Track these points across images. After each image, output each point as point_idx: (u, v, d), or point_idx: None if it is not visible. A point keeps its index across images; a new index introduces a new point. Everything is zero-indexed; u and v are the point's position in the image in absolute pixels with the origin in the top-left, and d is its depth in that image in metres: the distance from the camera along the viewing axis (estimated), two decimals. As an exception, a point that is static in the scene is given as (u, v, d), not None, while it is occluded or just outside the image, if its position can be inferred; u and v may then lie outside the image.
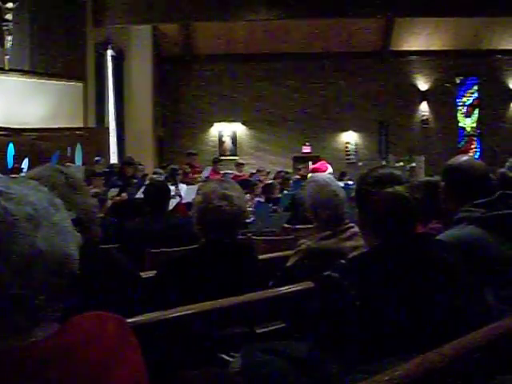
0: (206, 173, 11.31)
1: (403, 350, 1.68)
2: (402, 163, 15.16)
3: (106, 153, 13.26)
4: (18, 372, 0.99)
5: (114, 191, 8.59)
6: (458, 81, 19.67)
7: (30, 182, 1.15)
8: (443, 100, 19.29)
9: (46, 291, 1.06)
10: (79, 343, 1.07)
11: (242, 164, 13.16)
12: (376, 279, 1.90)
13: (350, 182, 11.41)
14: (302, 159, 17.79)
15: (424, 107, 19.36)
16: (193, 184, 10.03)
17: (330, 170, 10.68)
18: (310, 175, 8.96)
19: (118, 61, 16.09)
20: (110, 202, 8.19)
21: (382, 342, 1.80)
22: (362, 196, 2.11)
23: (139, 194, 8.43)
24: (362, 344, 1.83)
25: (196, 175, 11.19)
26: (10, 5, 12.03)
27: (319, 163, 11.49)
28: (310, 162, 14.80)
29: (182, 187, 10.08)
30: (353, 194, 2.31)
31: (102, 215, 5.88)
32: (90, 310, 1.19)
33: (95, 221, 2.21)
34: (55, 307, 1.10)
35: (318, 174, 4.38)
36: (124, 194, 9.01)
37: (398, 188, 1.98)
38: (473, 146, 19.83)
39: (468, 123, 19.87)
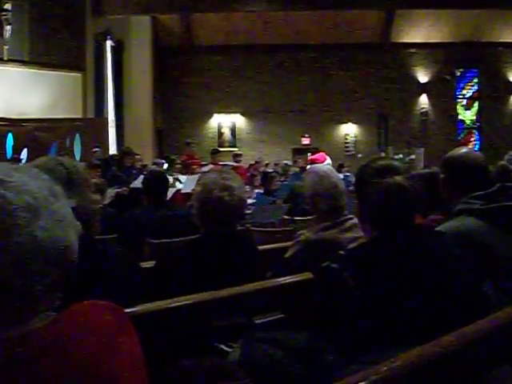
0: (205, 169, 11.25)
1: (402, 341, 1.68)
2: (401, 155, 15.16)
3: (104, 143, 13.23)
4: (16, 360, 0.99)
5: (110, 191, 8.52)
6: (458, 73, 19.67)
7: (31, 169, 1.14)
8: (443, 92, 19.29)
9: (44, 281, 1.05)
10: (77, 332, 1.07)
11: (240, 155, 13.11)
12: (375, 270, 1.90)
13: (349, 174, 11.40)
14: (301, 151, 17.81)
15: (424, 99, 19.35)
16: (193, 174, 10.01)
17: (329, 161, 10.65)
18: (308, 166, 8.96)
19: (118, 51, 16.06)
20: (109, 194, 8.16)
21: (381, 333, 1.80)
22: (362, 187, 2.10)
23: (137, 184, 8.41)
24: (361, 334, 1.84)
25: (196, 166, 11.14)
26: (8, -6, 11.99)
27: (318, 154, 11.46)
28: (309, 154, 14.80)
29: (182, 178, 10.06)
30: (352, 185, 2.31)
31: (101, 206, 5.87)
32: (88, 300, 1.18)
33: (95, 216, 2.20)
34: (54, 296, 1.10)
35: (318, 165, 4.38)
36: (125, 189, 8.97)
37: (397, 178, 1.98)
38: (472, 139, 19.83)
39: (468, 116, 19.87)
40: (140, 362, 1.16)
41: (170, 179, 8.84)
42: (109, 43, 15.71)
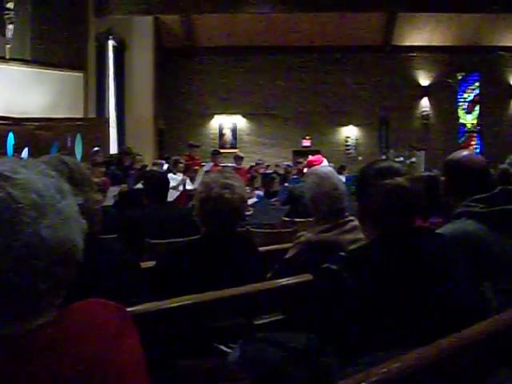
0: (206, 167, 11.27)
1: (402, 343, 1.68)
2: (402, 158, 15.14)
3: (105, 143, 13.23)
4: (17, 357, 0.99)
5: (113, 190, 8.51)
6: (459, 77, 19.65)
7: (39, 165, 1.13)
8: (444, 96, 19.27)
9: (48, 280, 1.05)
10: (78, 330, 1.07)
11: (242, 158, 13.06)
12: (375, 271, 1.90)
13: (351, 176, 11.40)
14: (301, 153, 17.79)
15: (425, 103, 19.33)
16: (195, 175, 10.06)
17: (326, 163, 10.68)
18: (305, 169, 8.98)
19: (119, 51, 16.06)
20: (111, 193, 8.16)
21: (380, 334, 1.80)
22: (363, 188, 2.11)
23: (138, 185, 8.41)
24: (360, 336, 1.84)
25: (197, 167, 11.16)
26: (11, -7, 11.98)
27: (315, 156, 11.51)
28: (310, 156, 14.81)
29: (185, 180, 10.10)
30: (353, 188, 2.31)
31: (102, 205, 5.86)
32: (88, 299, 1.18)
33: (97, 216, 2.19)
34: (57, 295, 1.10)
35: (319, 167, 4.38)
36: (124, 185, 8.96)
37: (399, 179, 1.98)
38: (473, 143, 19.82)
39: (469, 119, 19.86)
40: (141, 360, 1.16)
41: (176, 178, 8.95)
42: (111, 43, 15.73)
